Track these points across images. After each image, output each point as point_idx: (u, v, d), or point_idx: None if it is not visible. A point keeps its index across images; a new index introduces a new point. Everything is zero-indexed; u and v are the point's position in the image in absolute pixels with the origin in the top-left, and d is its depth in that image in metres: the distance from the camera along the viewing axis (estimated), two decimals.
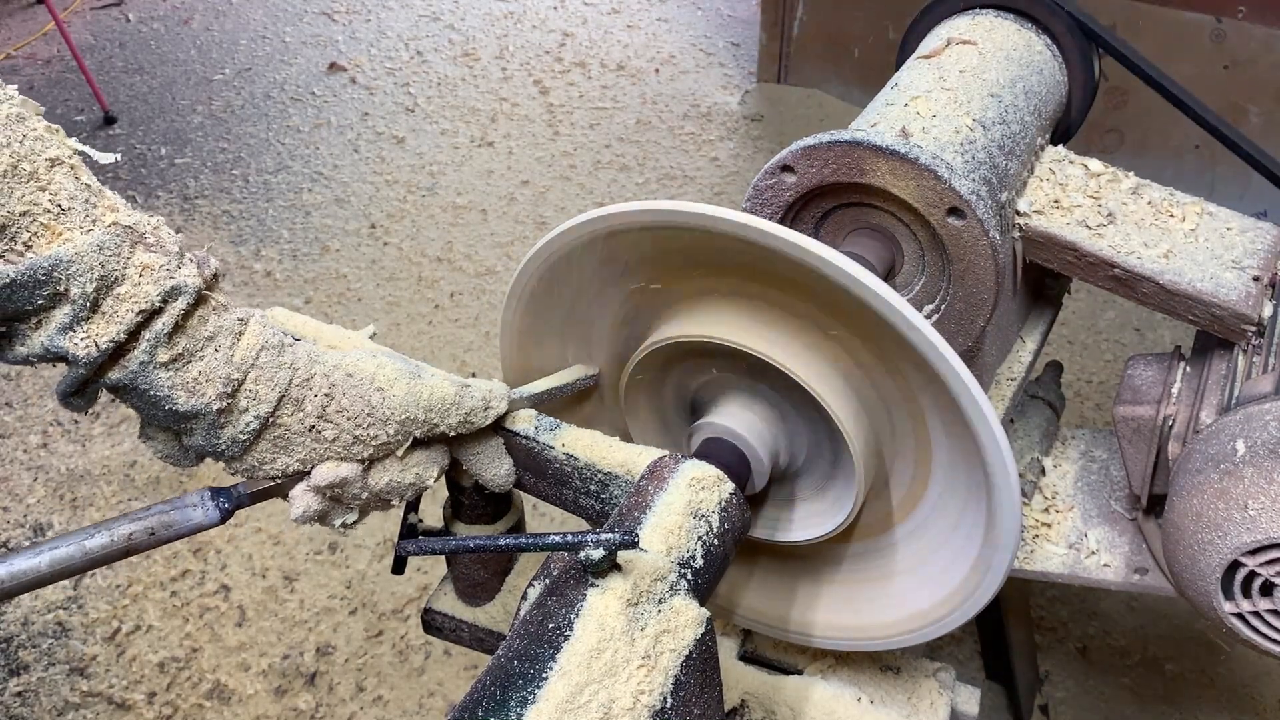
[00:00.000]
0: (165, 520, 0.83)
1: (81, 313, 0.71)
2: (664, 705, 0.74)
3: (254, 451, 0.86)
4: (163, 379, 0.77)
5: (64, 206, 0.70)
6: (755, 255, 0.89)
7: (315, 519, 0.93)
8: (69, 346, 0.72)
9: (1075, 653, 2.12)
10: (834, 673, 1.18)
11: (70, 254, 0.69)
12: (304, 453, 0.88)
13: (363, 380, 0.89)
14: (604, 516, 1.03)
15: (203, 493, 0.88)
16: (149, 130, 3.92)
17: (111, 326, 0.73)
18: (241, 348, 0.81)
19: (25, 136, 0.68)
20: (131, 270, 0.73)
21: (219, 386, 0.79)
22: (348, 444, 0.89)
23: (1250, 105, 2.96)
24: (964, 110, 1.11)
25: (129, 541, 0.81)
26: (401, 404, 0.90)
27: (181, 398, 0.78)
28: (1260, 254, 1.10)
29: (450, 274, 3.20)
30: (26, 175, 0.68)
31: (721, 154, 3.76)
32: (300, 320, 1.10)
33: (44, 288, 0.69)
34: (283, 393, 0.84)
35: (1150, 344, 2.87)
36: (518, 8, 4.84)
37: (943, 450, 0.97)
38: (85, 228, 0.71)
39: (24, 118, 0.69)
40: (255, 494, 0.90)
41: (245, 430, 0.83)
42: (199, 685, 2.08)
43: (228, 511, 0.88)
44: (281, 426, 0.85)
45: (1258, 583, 0.90)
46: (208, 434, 0.82)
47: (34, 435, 2.63)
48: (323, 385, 0.87)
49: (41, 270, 0.68)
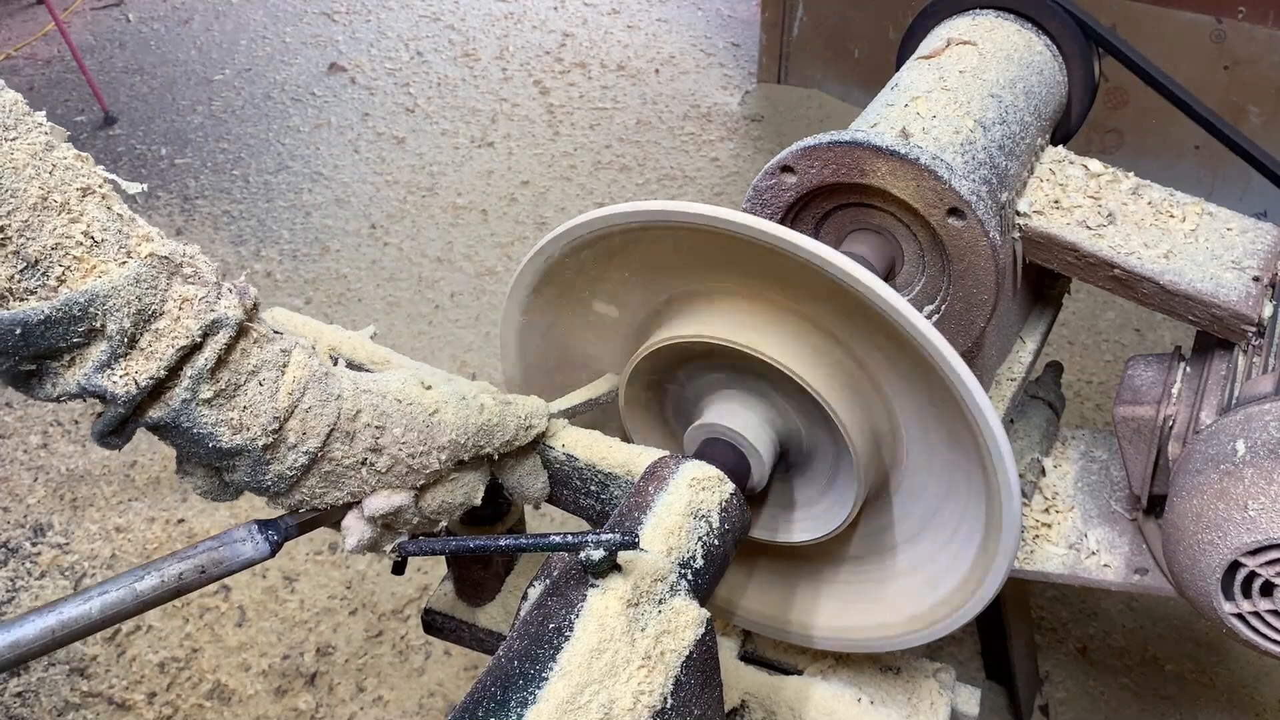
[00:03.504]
0: (215, 557, 0.80)
1: (119, 349, 0.68)
2: (664, 705, 0.74)
3: (302, 487, 0.82)
4: (206, 416, 0.73)
5: (97, 238, 0.66)
6: (755, 256, 0.89)
7: (369, 548, 0.90)
8: (107, 385, 0.68)
9: (1075, 653, 2.12)
10: (834, 673, 1.18)
11: (106, 288, 0.66)
12: (355, 485, 0.85)
13: (414, 405, 0.86)
14: (604, 517, 1.03)
15: (249, 526, 0.84)
16: (149, 130, 3.92)
17: (151, 363, 0.69)
18: (287, 381, 0.78)
19: (55, 166, 0.65)
20: (170, 304, 0.70)
21: (265, 422, 0.76)
22: (401, 474, 0.86)
23: (1250, 105, 2.96)
24: (964, 111, 1.11)
25: (180, 581, 0.78)
26: (453, 428, 0.88)
27: (225, 435, 0.74)
28: (1260, 254, 1.10)
29: (450, 274, 3.20)
30: (58, 207, 0.64)
31: (722, 154, 3.76)
32: (300, 320, 1.10)
33: (79, 324, 0.66)
34: (332, 426, 0.80)
35: (1150, 344, 2.87)
36: (518, 8, 4.84)
37: (943, 451, 0.97)
38: (120, 260, 0.67)
39: (53, 146, 0.66)
40: (303, 524, 0.87)
41: (293, 467, 0.79)
42: (199, 685, 2.08)
43: (277, 544, 0.85)
44: (332, 461, 0.82)
45: (1258, 583, 0.90)
46: (253, 471, 0.78)
47: (34, 435, 2.63)
48: (372, 416, 0.83)
49: (77, 306, 0.65)
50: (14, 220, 0.62)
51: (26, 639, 0.70)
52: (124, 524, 2.41)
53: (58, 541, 2.37)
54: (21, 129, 0.64)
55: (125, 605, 0.75)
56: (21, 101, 0.64)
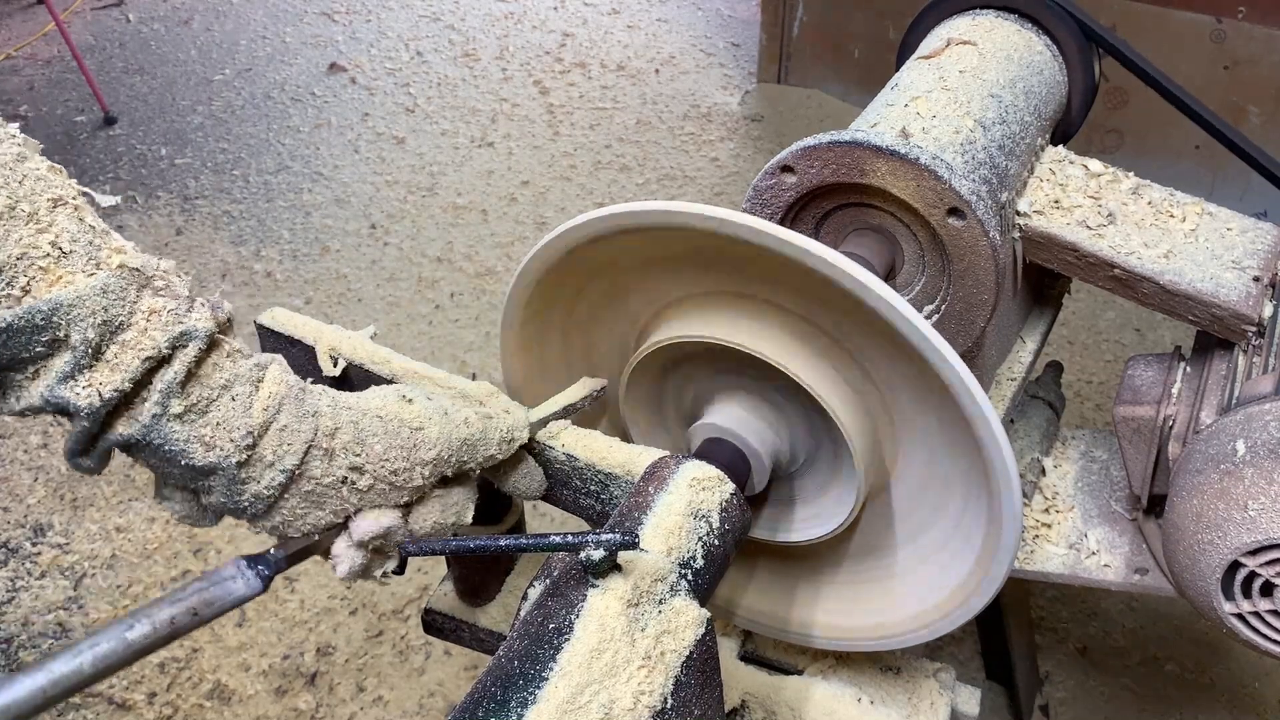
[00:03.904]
0: (206, 598, 0.78)
1: (83, 360, 0.67)
2: (664, 706, 0.74)
3: (281, 508, 0.81)
4: (177, 432, 0.72)
5: (65, 249, 0.66)
6: (755, 256, 0.89)
7: (360, 574, 0.88)
8: (69, 396, 0.67)
9: (1075, 653, 2.12)
10: (834, 673, 1.18)
11: (71, 297, 0.65)
12: (337, 504, 0.83)
13: (394, 421, 0.85)
14: (604, 517, 1.03)
15: (238, 562, 0.82)
16: (149, 130, 3.92)
17: (116, 375, 0.68)
18: (261, 396, 0.76)
19: (25, 177, 0.64)
20: (138, 316, 0.69)
21: (238, 438, 0.74)
22: (384, 492, 0.85)
23: (1250, 105, 2.96)
24: (964, 111, 1.11)
25: (172, 626, 0.76)
26: (436, 443, 0.87)
27: (198, 451, 0.73)
28: (1260, 254, 1.10)
29: (450, 274, 3.20)
30: (25, 216, 0.64)
31: (721, 154, 3.76)
32: (301, 320, 1.10)
33: (42, 333, 0.65)
34: (309, 443, 0.79)
35: (1150, 344, 2.87)
36: (518, 8, 4.84)
37: (943, 450, 0.97)
38: (88, 271, 0.66)
39: (25, 157, 0.65)
40: (292, 555, 0.85)
41: (270, 486, 0.78)
42: (199, 685, 2.08)
43: (268, 578, 0.83)
44: (312, 480, 0.80)
45: (1258, 583, 0.90)
46: (228, 490, 0.77)
47: (34, 435, 2.63)
48: (352, 433, 0.82)
49: (40, 314, 0.64)
50: None
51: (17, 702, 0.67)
52: (124, 524, 2.41)
53: (58, 541, 2.37)
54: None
55: (117, 657, 0.73)
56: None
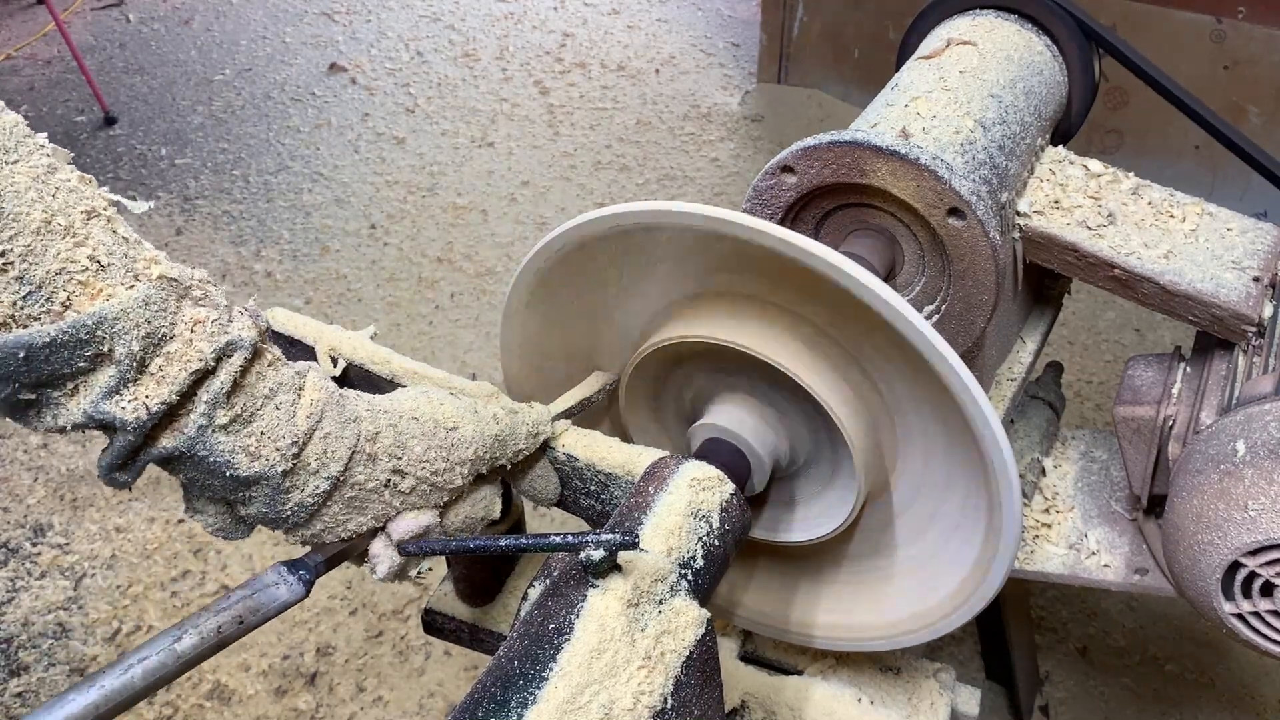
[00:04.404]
0: (251, 605, 0.78)
1: (128, 374, 0.65)
2: (664, 706, 0.74)
3: (323, 515, 0.80)
4: (222, 443, 0.71)
5: (103, 262, 0.64)
6: (755, 256, 0.89)
7: (399, 574, 0.88)
8: (115, 411, 0.65)
9: (1075, 653, 2.12)
10: (834, 673, 1.18)
11: (115, 310, 0.64)
12: (379, 509, 0.83)
13: (430, 422, 0.85)
14: (604, 517, 1.03)
15: (278, 568, 0.82)
16: (149, 131, 3.92)
17: (163, 388, 0.67)
18: (304, 404, 0.76)
19: (59, 189, 0.63)
20: (181, 326, 0.68)
21: (284, 447, 0.74)
22: (425, 493, 0.85)
23: (1250, 105, 2.96)
24: (964, 111, 1.11)
25: (219, 635, 0.76)
26: (472, 442, 0.88)
27: (244, 462, 0.72)
28: (1260, 254, 1.10)
29: (450, 274, 3.20)
30: (62, 231, 0.62)
31: (722, 154, 3.76)
32: (301, 320, 1.10)
33: (86, 348, 0.64)
34: (353, 449, 0.78)
35: (1150, 344, 2.87)
36: (518, 8, 4.84)
37: (943, 451, 0.97)
38: (128, 283, 0.65)
39: (56, 169, 0.64)
40: (330, 559, 0.85)
41: (315, 493, 0.77)
42: (199, 686, 2.08)
43: (309, 583, 0.83)
44: (355, 486, 0.80)
45: (1258, 583, 0.90)
46: (271, 500, 0.76)
47: (34, 436, 2.63)
48: (393, 437, 0.82)
49: (84, 329, 0.63)
50: (16, 245, 0.60)
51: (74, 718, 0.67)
52: (124, 524, 2.41)
53: (58, 542, 2.37)
54: (22, 151, 0.62)
55: (168, 669, 0.73)
56: (22, 123, 0.62)
